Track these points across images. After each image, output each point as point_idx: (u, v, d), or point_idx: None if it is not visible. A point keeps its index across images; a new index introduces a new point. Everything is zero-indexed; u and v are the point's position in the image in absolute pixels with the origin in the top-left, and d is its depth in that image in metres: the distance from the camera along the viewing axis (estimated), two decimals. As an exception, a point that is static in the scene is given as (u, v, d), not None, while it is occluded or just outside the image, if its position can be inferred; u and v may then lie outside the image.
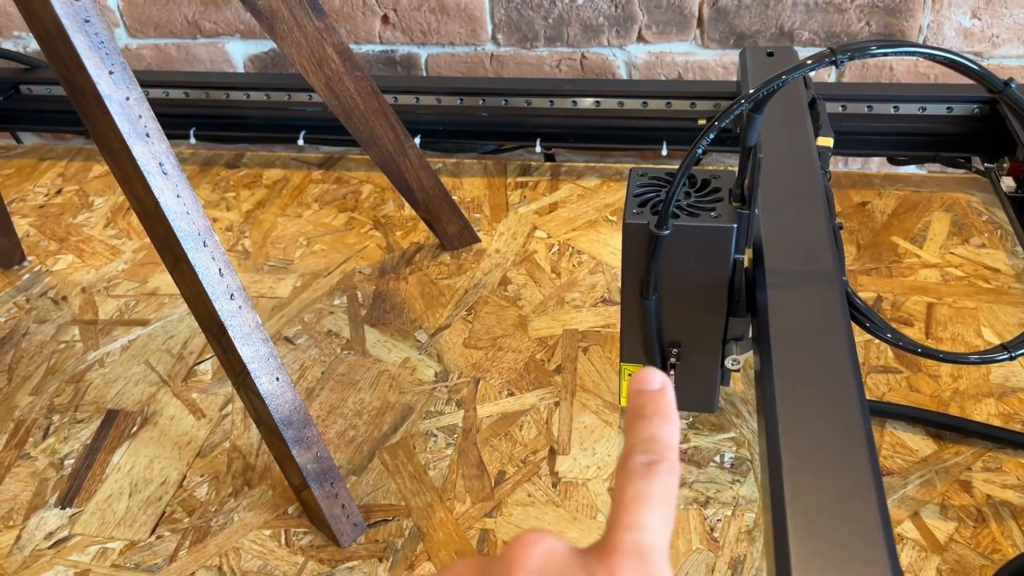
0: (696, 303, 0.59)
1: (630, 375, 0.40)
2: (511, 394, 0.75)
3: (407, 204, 1.01)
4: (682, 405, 0.63)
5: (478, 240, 0.94)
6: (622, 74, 1.16)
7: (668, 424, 0.30)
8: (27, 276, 0.93)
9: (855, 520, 0.41)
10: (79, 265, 0.95)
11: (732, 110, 0.51)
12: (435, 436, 0.71)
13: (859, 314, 0.59)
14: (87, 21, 0.53)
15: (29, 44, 1.27)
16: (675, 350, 0.61)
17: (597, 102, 1.08)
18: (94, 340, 0.84)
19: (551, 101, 1.09)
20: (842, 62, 0.49)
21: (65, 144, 1.22)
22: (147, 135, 0.55)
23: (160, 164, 0.56)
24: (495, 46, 1.17)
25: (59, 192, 1.08)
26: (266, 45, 1.21)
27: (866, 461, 0.44)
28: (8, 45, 1.27)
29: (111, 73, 0.54)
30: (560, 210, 0.98)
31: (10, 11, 1.24)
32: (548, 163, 1.08)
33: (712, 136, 0.51)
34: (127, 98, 0.54)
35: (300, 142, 1.07)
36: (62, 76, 0.54)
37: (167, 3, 1.20)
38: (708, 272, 0.57)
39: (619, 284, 0.60)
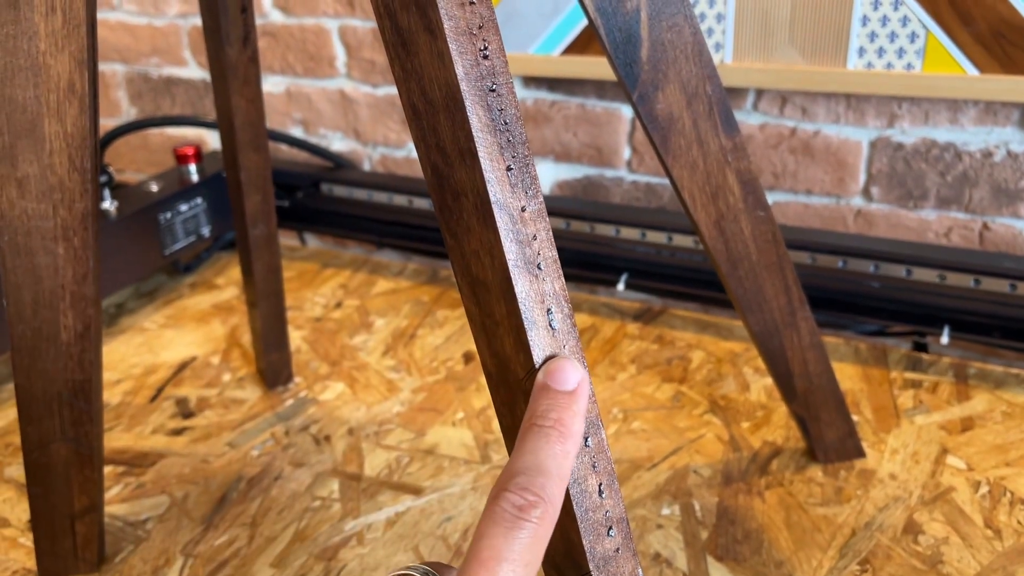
0: None
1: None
2: None
3: (752, 386, 0.77)
4: None
5: (863, 454, 0.68)
6: (1037, 254, 0.88)
7: (565, 442, 0.26)
8: (290, 403, 0.78)
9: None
10: (349, 398, 0.78)
11: None
12: None
13: None
14: (492, 90, 0.35)
15: (332, 143, 1.20)
16: None
17: (1013, 285, 0.81)
18: (355, 503, 0.66)
19: (942, 275, 0.84)
20: None
21: (350, 252, 1.11)
22: (539, 267, 0.36)
23: (548, 312, 0.36)
24: (864, 200, 0.94)
25: (338, 305, 0.95)
26: (580, 171, 1.05)
27: None
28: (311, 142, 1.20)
29: (509, 170, 0.36)
30: (979, 431, 0.70)
31: (320, 108, 1.18)
32: (947, 359, 0.80)
33: None
34: (522, 209, 0.36)
35: (620, 287, 0.87)
36: (431, 165, 0.37)
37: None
38: None
39: None
